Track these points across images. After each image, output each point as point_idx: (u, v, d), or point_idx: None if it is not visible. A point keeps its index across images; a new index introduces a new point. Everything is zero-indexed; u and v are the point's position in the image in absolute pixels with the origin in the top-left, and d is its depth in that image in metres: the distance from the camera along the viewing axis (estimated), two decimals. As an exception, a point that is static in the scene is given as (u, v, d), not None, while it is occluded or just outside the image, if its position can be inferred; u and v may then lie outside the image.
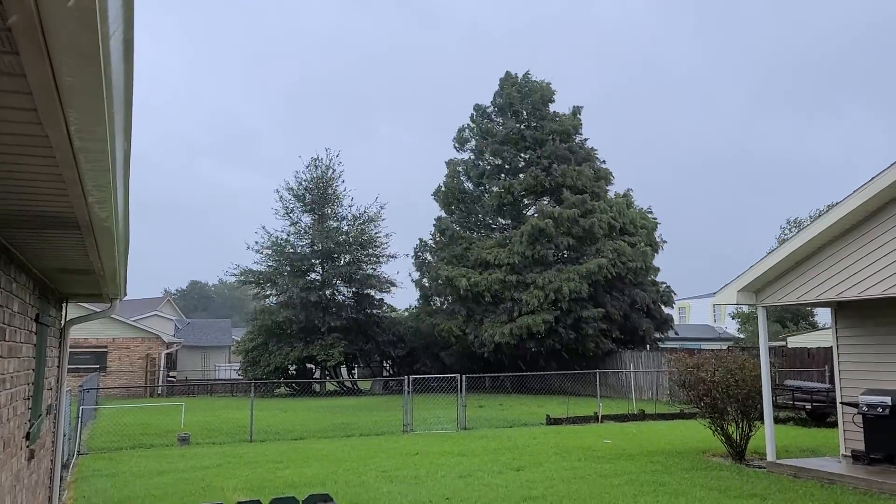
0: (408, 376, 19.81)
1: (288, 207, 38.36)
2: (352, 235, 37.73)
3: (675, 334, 38.49)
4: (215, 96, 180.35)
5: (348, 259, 37.14)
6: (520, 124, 36.61)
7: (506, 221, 37.08)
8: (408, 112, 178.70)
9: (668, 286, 36.63)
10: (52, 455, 8.71)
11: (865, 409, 10.98)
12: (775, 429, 12.06)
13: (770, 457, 11.65)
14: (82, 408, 16.33)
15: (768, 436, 11.73)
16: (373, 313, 38.57)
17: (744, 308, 43.63)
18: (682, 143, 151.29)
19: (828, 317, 13.26)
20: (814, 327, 41.11)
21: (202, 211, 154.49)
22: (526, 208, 36.51)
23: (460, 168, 37.96)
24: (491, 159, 37.56)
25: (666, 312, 36.76)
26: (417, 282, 38.78)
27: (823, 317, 43.76)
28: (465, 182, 38.11)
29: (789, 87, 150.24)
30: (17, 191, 3.20)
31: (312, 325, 35.25)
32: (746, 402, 12.30)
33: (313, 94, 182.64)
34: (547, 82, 37.64)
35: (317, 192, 38.21)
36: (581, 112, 37.85)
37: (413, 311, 40.31)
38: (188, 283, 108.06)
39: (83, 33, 1.62)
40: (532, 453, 13.71)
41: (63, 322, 8.61)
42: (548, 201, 34.62)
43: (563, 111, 37.85)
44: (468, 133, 38.45)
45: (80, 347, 34.18)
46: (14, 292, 4.96)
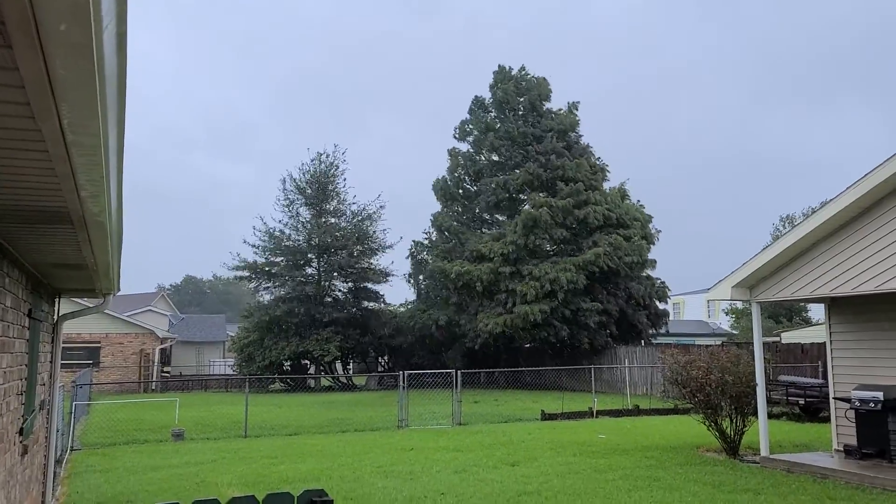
0: (403, 371, 19.81)
1: (289, 199, 38.39)
2: (349, 231, 37.75)
3: (666, 332, 38.63)
4: (208, 88, 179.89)
5: (344, 253, 37.15)
6: (518, 121, 36.61)
7: (502, 217, 37.11)
8: (403, 103, 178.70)
9: (663, 282, 36.74)
10: (46, 450, 8.69)
11: (858, 404, 11.03)
12: (769, 424, 12.10)
13: (764, 452, 11.70)
14: (75, 403, 16.28)
15: (762, 431, 11.77)
16: (369, 307, 38.58)
17: (738, 304, 43.77)
18: (678, 140, 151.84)
19: (821, 312, 13.31)
20: (807, 323, 41.29)
21: (196, 204, 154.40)
22: (522, 204, 36.61)
23: (461, 158, 37.93)
24: (488, 155, 37.58)
25: (661, 307, 36.88)
26: (413, 276, 38.78)
27: (817, 312, 43.95)
28: (464, 176, 38.10)
29: (787, 85, 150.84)
30: (10, 185, 3.18)
31: (308, 319, 35.22)
32: (740, 397, 12.34)
33: (307, 86, 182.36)
34: (543, 77, 37.67)
35: (318, 186, 38.18)
36: (578, 108, 37.95)
37: (408, 306, 40.33)
38: (183, 278, 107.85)
39: (76, 27, 1.61)
40: (527, 448, 13.74)
41: (56, 317, 8.58)
42: (544, 194, 34.62)
43: (559, 106, 37.93)
44: (469, 126, 38.39)
45: (74, 343, 34.08)
46: (6, 287, 4.93)
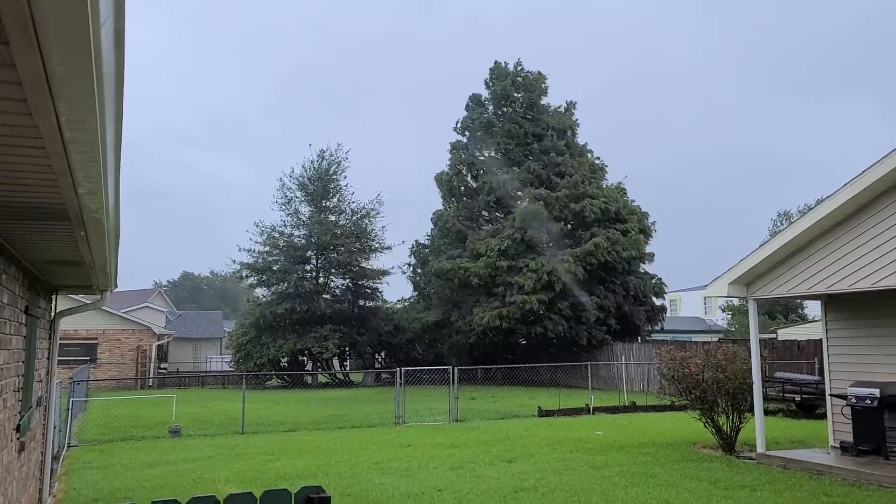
0: (400, 368, 19.82)
1: (288, 196, 38.36)
2: (348, 229, 37.74)
3: (662, 329, 38.69)
4: (206, 84, 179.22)
5: (343, 251, 37.14)
6: (517, 118, 36.60)
7: (501, 215, 37.12)
8: (401, 99, 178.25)
9: (660, 278, 36.80)
10: (43, 447, 8.69)
11: (854, 400, 11.06)
12: (765, 420, 12.13)
13: (760, 448, 11.74)
14: (72, 400, 16.26)
15: (758, 428, 11.80)
16: (367, 304, 38.60)
17: (734, 301, 43.83)
18: (675, 137, 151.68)
19: (817, 309, 13.34)
20: (803, 320, 41.36)
21: (193, 200, 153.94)
22: (522, 201, 36.62)
23: (463, 154, 37.90)
24: (488, 153, 37.59)
25: (658, 303, 36.96)
26: (413, 272, 38.78)
27: (813, 309, 44.05)
28: (466, 173, 38.06)
29: (786, 81, 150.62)
30: (7, 182, 3.17)
31: (307, 317, 35.21)
32: (736, 394, 12.37)
33: (305, 82, 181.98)
34: (539, 72, 37.66)
35: (320, 183, 38.15)
36: (575, 107, 38.02)
37: (405, 303, 40.32)
38: (180, 275, 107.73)
39: (74, 23, 1.60)
40: (524, 445, 13.76)
41: (53, 314, 8.57)
42: (542, 189, 34.59)
43: (557, 103, 37.97)
44: (470, 121, 38.29)
45: (71, 339, 34.02)
46: (3, 284, 4.92)
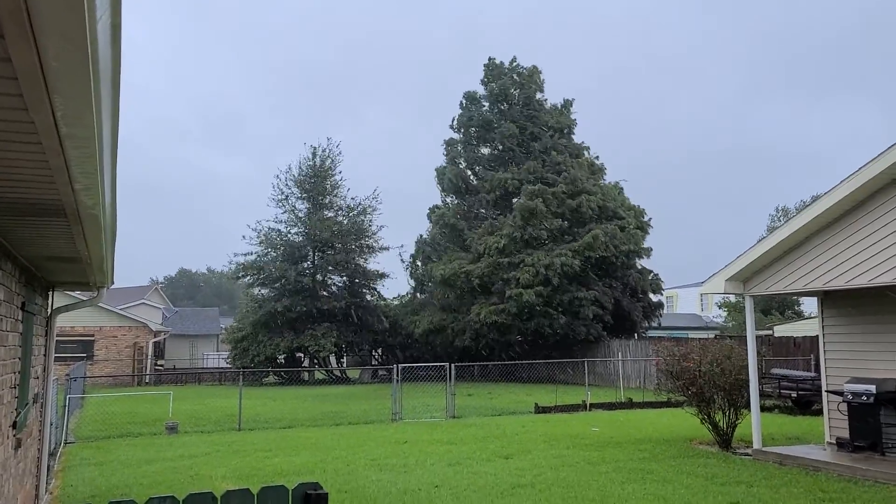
0: (397, 365, 19.83)
1: (284, 194, 38.31)
2: (346, 226, 37.70)
3: (659, 326, 38.75)
4: (202, 80, 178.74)
5: (341, 248, 37.09)
6: (513, 116, 36.55)
7: (498, 213, 37.08)
8: (397, 95, 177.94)
9: (657, 274, 36.87)
10: (40, 444, 8.67)
11: (850, 397, 11.09)
12: (761, 417, 12.16)
13: (756, 444, 11.76)
14: (69, 396, 16.24)
15: (754, 424, 11.83)
16: (364, 302, 38.57)
17: (731, 297, 43.90)
18: (672, 132, 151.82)
19: (814, 306, 13.37)
20: (800, 316, 41.46)
21: (190, 197, 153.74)
22: (519, 197, 36.60)
23: (458, 148, 37.83)
24: (486, 151, 37.56)
25: (655, 299, 37.02)
26: (412, 266, 38.76)
27: (809, 306, 44.14)
28: (465, 170, 38.00)
29: (785, 76, 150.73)
30: (3, 177, 3.15)
31: (304, 314, 35.19)
32: (733, 390, 12.40)
33: (302, 78, 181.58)
34: (534, 66, 37.59)
35: (316, 180, 38.10)
36: (572, 104, 37.99)
37: (402, 300, 40.29)
38: (176, 271, 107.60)
39: (70, 17, 1.59)
40: (521, 441, 13.78)
41: (49, 310, 8.54)
42: (538, 186, 34.57)
43: (554, 98, 38.02)
44: (466, 118, 38.20)
45: (67, 336, 33.96)
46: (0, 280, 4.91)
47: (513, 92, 37.47)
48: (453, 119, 38.47)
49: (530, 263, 31.36)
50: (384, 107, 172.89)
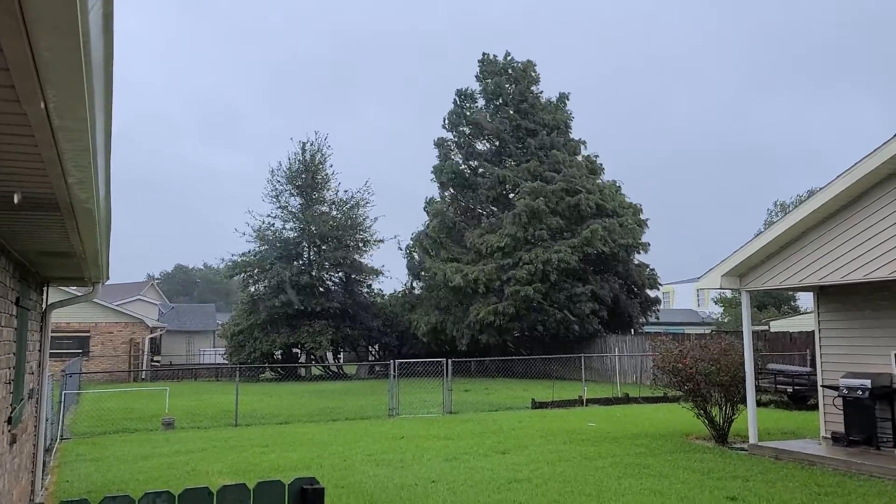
0: (394, 360, 19.83)
1: (277, 190, 38.23)
2: (340, 220, 37.64)
3: (656, 320, 38.81)
4: (197, 74, 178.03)
5: (336, 244, 37.04)
6: (510, 115, 36.48)
7: (495, 209, 37.03)
8: (394, 91, 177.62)
9: (653, 270, 36.91)
10: (35, 439, 8.65)
11: (846, 391, 11.12)
12: (757, 412, 12.18)
13: (752, 439, 11.79)
14: (65, 392, 16.20)
15: (751, 419, 11.86)
16: (361, 297, 38.54)
17: (727, 293, 44.01)
18: (670, 128, 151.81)
19: (810, 301, 13.39)
20: (795, 311, 41.58)
21: (186, 192, 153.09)
22: (518, 196, 36.53)
23: (451, 145, 37.73)
24: (481, 149, 37.49)
25: (652, 295, 37.08)
26: (408, 260, 38.74)
27: (805, 301, 44.26)
28: (463, 166, 37.92)
29: (783, 72, 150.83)
30: (-5, 171, 3.13)
31: (301, 310, 35.15)
32: (729, 386, 12.41)
33: (298, 73, 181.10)
34: (529, 60, 37.49)
35: (307, 175, 38.03)
36: (568, 98, 37.94)
37: (400, 296, 40.24)
38: (173, 267, 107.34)
39: (62, 6, 1.57)
40: (517, 437, 13.79)
41: (44, 306, 8.51)
42: (536, 183, 34.52)
43: (548, 94, 37.89)
44: (456, 118, 38.11)
45: (63, 332, 33.90)
46: (-6, 275, 4.88)
47: (507, 87, 37.38)
48: (444, 119, 38.30)
49: (528, 261, 31.36)
50: (383, 104, 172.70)
